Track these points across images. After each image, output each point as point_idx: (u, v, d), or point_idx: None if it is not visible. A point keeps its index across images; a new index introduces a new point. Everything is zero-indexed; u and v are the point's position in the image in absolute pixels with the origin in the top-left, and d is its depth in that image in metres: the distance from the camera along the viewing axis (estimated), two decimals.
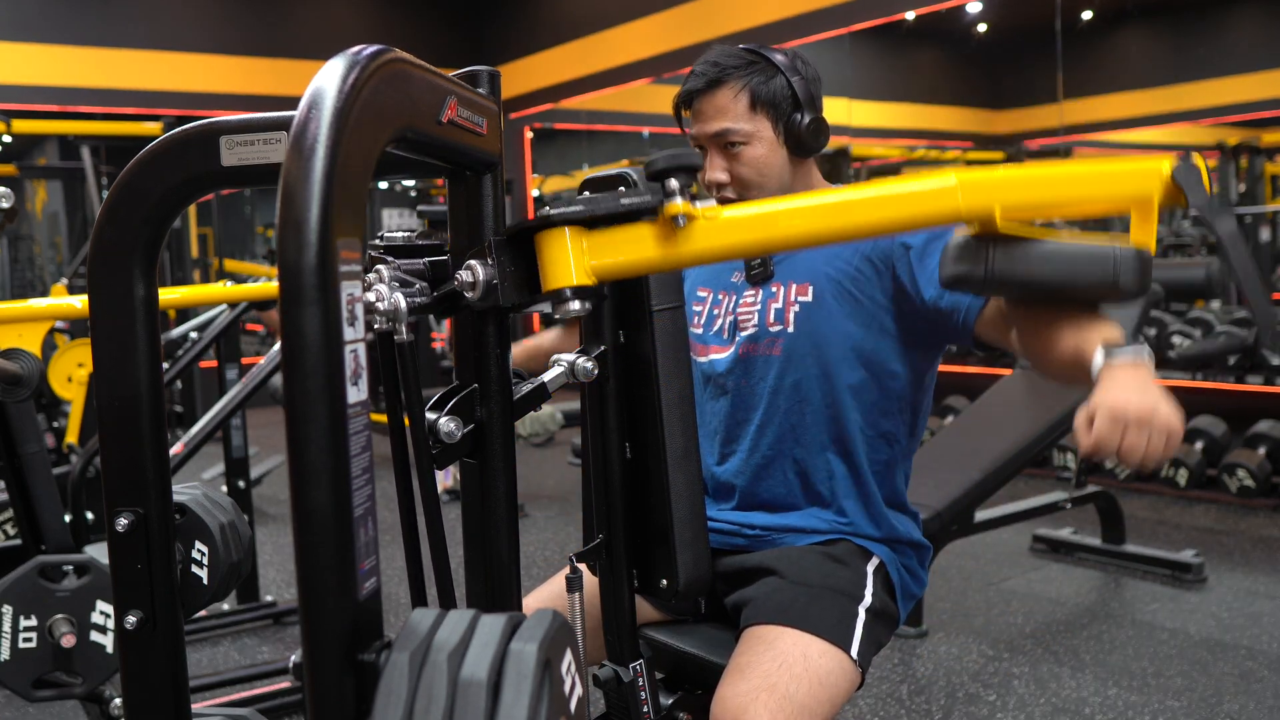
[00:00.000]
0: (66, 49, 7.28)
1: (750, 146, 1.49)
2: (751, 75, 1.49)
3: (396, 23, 8.65)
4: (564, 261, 0.93)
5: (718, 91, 1.49)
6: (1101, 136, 7.15)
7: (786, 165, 1.52)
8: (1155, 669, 2.81)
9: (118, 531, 0.88)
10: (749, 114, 1.49)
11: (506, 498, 0.94)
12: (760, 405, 1.52)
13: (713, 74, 1.49)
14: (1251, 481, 4.22)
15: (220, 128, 0.88)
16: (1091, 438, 1.01)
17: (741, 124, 1.48)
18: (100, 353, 0.89)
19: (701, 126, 1.51)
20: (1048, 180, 1.08)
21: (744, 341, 1.53)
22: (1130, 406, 1.00)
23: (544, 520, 4.60)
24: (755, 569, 1.49)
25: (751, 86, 1.48)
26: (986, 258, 1.08)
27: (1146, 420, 1.00)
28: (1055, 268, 1.07)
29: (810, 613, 1.37)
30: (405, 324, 0.83)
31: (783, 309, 1.50)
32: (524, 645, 0.58)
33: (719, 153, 1.51)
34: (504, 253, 0.90)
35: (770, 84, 1.49)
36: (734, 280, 1.59)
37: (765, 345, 1.51)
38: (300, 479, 0.59)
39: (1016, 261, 1.07)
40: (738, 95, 1.48)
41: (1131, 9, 6.82)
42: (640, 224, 0.97)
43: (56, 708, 2.73)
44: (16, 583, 1.32)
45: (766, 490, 1.53)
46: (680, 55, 7.04)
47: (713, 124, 1.50)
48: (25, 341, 2.42)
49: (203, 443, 2.44)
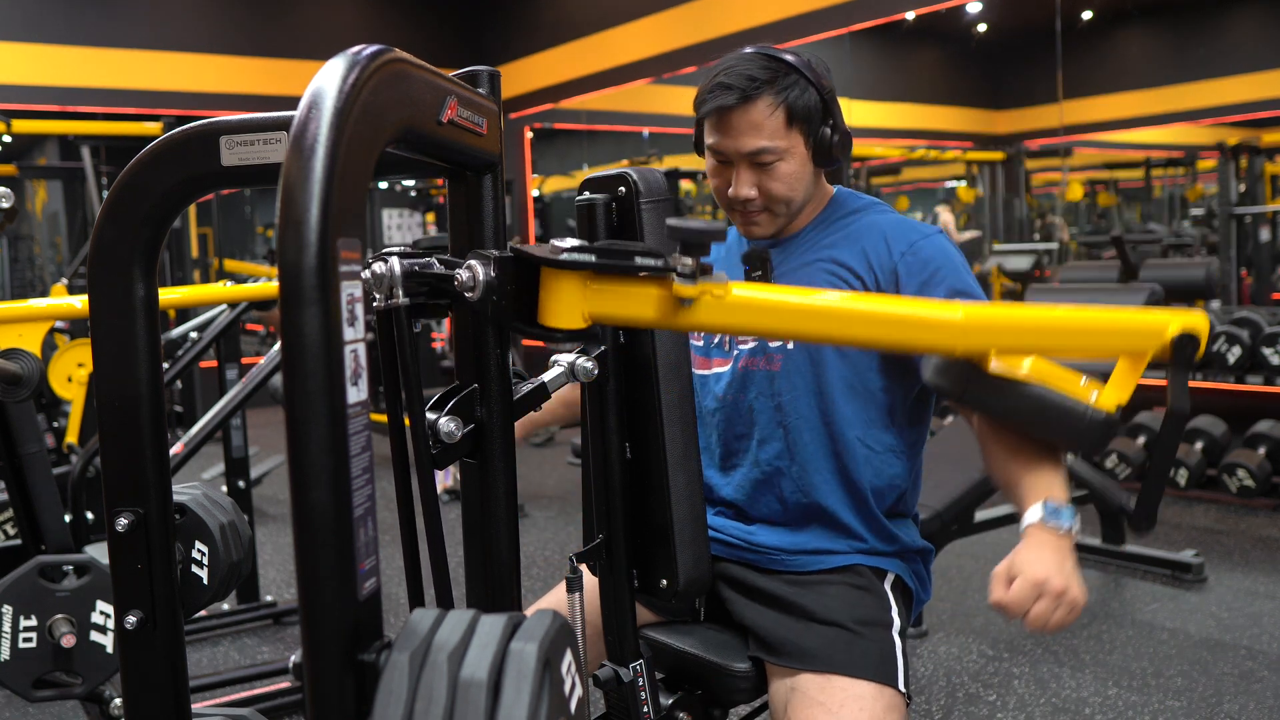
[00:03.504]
0: (66, 49, 7.27)
1: (785, 162, 1.44)
2: (787, 89, 1.41)
3: (396, 23, 8.64)
4: (563, 303, 0.90)
5: (752, 107, 1.41)
6: (1101, 136, 7.15)
7: (812, 177, 1.49)
8: (1155, 669, 2.81)
9: (118, 531, 0.88)
10: (784, 130, 1.42)
11: (506, 498, 0.94)
12: (760, 420, 1.49)
13: (747, 88, 1.40)
14: (1251, 481, 4.21)
15: (220, 128, 0.88)
16: (1007, 598, 1.11)
17: (778, 141, 1.42)
18: (100, 353, 0.89)
19: (733, 142, 1.43)
20: (1051, 329, 1.09)
21: (744, 355, 1.51)
22: (1050, 582, 1.10)
23: (544, 520, 4.60)
24: (773, 596, 1.46)
25: (788, 102, 1.41)
26: (965, 382, 1.11)
27: (1058, 596, 1.10)
28: (1025, 412, 1.11)
29: (854, 655, 1.37)
30: (401, 288, 0.82)
31: None
32: (524, 645, 0.58)
33: (749, 169, 1.45)
34: (505, 270, 0.87)
35: (804, 98, 1.42)
36: None
37: (764, 360, 1.49)
38: (300, 479, 0.59)
39: (991, 394, 1.11)
40: (774, 111, 1.41)
41: (1131, 9, 6.82)
42: (646, 283, 0.93)
43: (56, 708, 2.73)
44: (16, 583, 1.32)
45: (768, 506, 1.50)
46: (680, 55, 7.04)
47: (747, 140, 1.42)
48: (25, 341, 2.41)
49: (203, 443, 2.44)
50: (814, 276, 1.48)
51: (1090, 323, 1.09)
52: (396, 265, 0.83)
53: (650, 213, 1.20)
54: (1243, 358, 4.50)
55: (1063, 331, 1.09)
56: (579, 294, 0.90)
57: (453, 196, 0.95)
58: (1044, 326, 1.08)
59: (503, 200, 0.95)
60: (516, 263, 0.89)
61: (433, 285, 0.88)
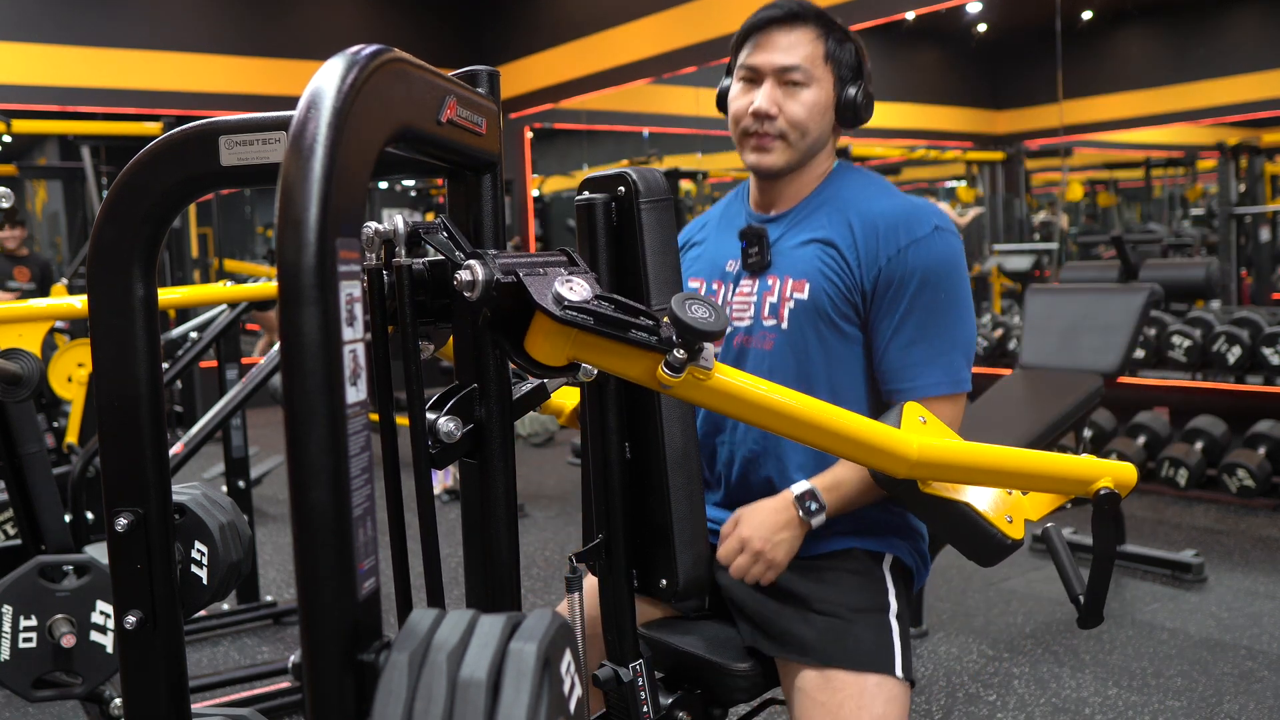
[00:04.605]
0: (66, 49, 7.28)
1: (810, 90, 1.48)
2: (830, 32, 1.49)
3: (396, 22, 8.65)
4: (550, 343, 0.88)
5: (796, 28, 1.48)
6: (1101, 136, 7.15)
7: (829, 130, 1.53)
8: (1155, 669, 2.81)
9: (117, 531, 0.88)
10: (821, 61, 1.48)
11: (506, 497, 0.94)
12: None
13: (796, 9, 1.48)
14: (1251, 481, 4.22)
15: (220, 127, 0.87)
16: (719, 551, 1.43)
17: (812, 66, 1.48)
18: (100, 353, 0.89)
19: (768, 56, 1.48)
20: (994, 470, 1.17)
21: (739, 333, 1.52)
22: (752, 541, 1.40)
23: (544, 520, 4.60)
24: (771, 584, 1.46)
25: (828, 40, 1.49)
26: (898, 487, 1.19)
27: (757, 554, 1.40)
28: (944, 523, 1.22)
29: (850, 646, 1.38)
30: (404, 246, 0.80)
31: (778, 304, 1.48)
32: (523, 645, 0.58)
33: (776, 86, 1.48)
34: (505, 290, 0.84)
35: (843, 46, 1.50)
36: (729, 269, 1.56)
37: (758, 339, 1.50)
38: (300, 479, 0.59)
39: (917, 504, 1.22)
40: (815, 39, 1.48)
41: (1131, 9, 6.82)
42: (636, 347, 0.91)
43: (56, 708, 2.73)
44: (16, 583, 1.32)
45: (757, 484, 1.50)
46: (680, 55, 7.04)
47: (783, 55, 1.47)
48: (25, 341, 2.41)
49: (203, 443, 2.44)
50: (808, 261, 1.48)
51: (1030, 466, 1.18)
52: (400, 222, 0.81)
53: (650, 213, 1.20)
54: (1243, 357, 4.51)
55: (1003, 473, 1.17)
56: (566, 339, 0.89)
57: (452, 196, 0.94)
58: (988, 467, 1.16)
59: (502, 200, 0.95)
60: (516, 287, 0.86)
61: (434, 282, 0.87)
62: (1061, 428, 3.36)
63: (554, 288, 0.86)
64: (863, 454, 1.09)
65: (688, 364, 0.91)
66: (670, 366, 0.91)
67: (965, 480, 1.19)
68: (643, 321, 0.90)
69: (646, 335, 0.90)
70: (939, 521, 1.23)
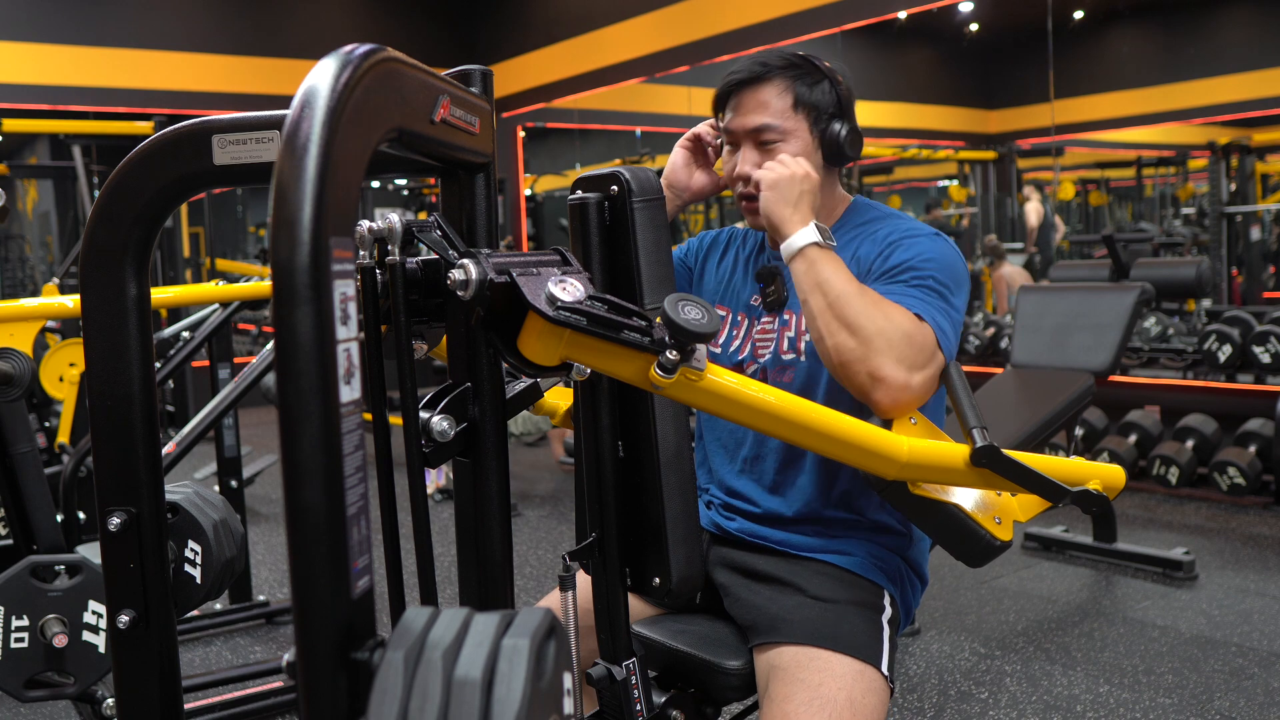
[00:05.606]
0: (57, 48, 7.25)
1: (786, 144, 1.47)
2: (798, 78, 1.48)
3: (389, 22, 8.63)
4: (543, 343, 0.89)
5: (761, 87, 1.48)
6: (1093, 136, 7.17)
7: (821, 175, 1.50)
8: (1146, 666, 2.82)
9: (110, 531, 0.88)
10: (790, 112, 1.47)
11: (499, 496, 0.94)
12: None
13: (758, 70, 1.48)
14: (1242, 480, 4.23)
15: (212, 126, 0.87)
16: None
17: (781, 121, 1.47)
18: (92, 352, 0.89)
19: (740, 119, 1.49)
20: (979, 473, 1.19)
21: (763, 366, 1.53)
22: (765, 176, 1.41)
23: (537, 520, 4.60)
24: (769, 575, 1.47)
25: (796, 87, 1.47)
26: (887, 487, 1.21)
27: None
28: (933, 523, 1.24)
29: (838, 630, 1.38)
30: (397, 245, 0.80)
31: (795, 337, 1.50)
32: (516, 640, 0.58)
33: (753, 148, 1.49)
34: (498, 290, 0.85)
35: (815, 88, 1.48)
36: (753, 303, 1.58)
37: (777, 372, 1.52)
38: (293, 478, 0.59)
39: (907, 505, 1.23)
40: (782, 93, 1.47)
41: (1122, 9, 6.84)
42: (629, 348, 0.92)
43: (49, 708, 2.72)
44: (8, 583, 1.32)
45: (783, 506, 1.52)
46: (672, 55, 7.04)
47: (752, 118, 1.48)
48: (17, 341, 2.41)
49: (195, 442, 2.43)
50: None
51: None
52: (397, 221, 0.81)
53: (642, 212, 1.21)
54: (1233, 356, 4.52)
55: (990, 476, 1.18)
56: (559, 339, 0.89)
57: (445, 195, 0.94)
58: (974, 470, 1.17)
59: (495, 199, 0.95)
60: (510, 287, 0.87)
61: (427, 281, 0.88)
62: (1053, 426, 3.37)
63: (547, 287, 0.86)
64: (853, 455, 1.09)
65: (680, 365, 0.92)
66: (663, 368, 0.91)
67: (953, 483, 1.20)
68: (635, 322, 0.90)
69: (639, 336, 0.90)
70: (928, 523, 1.24)
